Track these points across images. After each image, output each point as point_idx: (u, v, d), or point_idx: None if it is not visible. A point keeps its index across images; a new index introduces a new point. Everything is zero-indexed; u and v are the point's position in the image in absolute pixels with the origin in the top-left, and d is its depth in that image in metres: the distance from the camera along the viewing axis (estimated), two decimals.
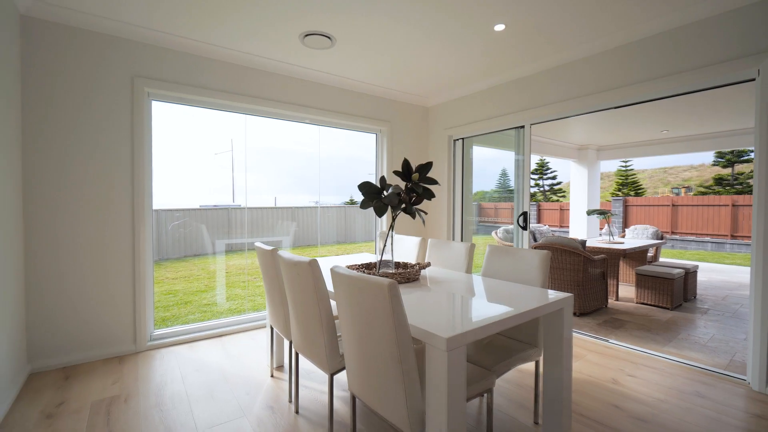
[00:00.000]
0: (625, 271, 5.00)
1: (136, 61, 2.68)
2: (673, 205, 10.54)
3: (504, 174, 4.12)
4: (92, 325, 2.58)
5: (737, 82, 2.26)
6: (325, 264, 2.44)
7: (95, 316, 2.58)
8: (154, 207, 2.88)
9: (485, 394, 1.50)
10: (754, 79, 2.19)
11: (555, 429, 1.63)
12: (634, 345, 2.83)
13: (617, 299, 4.20)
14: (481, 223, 4.22)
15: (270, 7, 2.34)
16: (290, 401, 2.06)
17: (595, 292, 3.74)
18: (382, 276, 1.82)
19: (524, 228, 3.46)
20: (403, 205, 1.89)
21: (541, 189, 22.29)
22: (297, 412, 1.96)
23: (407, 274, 1.92)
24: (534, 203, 15.48)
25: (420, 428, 1.23)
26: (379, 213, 1.81)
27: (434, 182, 1.90)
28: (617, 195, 19.48)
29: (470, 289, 1.77)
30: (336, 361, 1.63)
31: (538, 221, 14.85)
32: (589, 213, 5.02)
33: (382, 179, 1.86)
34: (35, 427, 1.81)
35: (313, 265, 1.59)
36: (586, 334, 3.08)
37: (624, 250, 4.21)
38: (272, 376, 2.36)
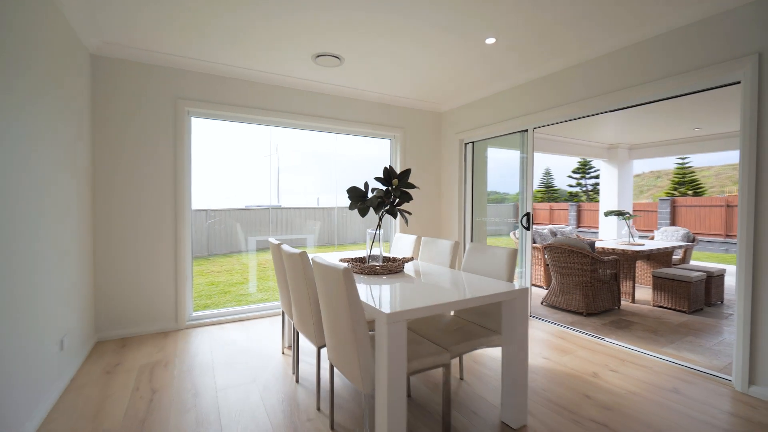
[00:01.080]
0: (647, 273, 4.86)
1: (178, 85, 3.21)
2: (728, 206, 9.71)
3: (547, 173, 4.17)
4: (144, 305, 3.13)
5: (724, 84, 2.29)
6: (328, 258, 2.78)
7: (147, 299, 3.13)
8: (205, 207, 3.40)
9: (442, 368, 1.75)
10: (739, 82, 2.20)
11: (510, 405, 1.83)
12: (630, 344, 2.88)
13: (633, 301, 4.15)
14: (507, 223, 4.34)
15: (283, 32, 2.73)
16: (293, 373, 2.43)
17: (605, 293, 3.75)
18: (368, 267, 2.12)
19: (527, 228, 3.58)
20: (387, 207, 2.18)
21: (584, 189, 21.24)
22: (297, 381, 2.31)
23: (390, 267, 2.20)
24: (574, 204, 14.86)
25: (371, 386, 1.51)
26: (362, 214, 2.11)
27: (413, 186, 2.16)
28: (673, 194, 18.09)
29: (441, 280, 2.02)
30: (321, 336, 1.95)
31: (578, 223, 14.26)
32: (607, 214, 4.93)
33: (365, 184, 2.16)
34: (98, 380, 2.32)
35: (303, 256, 1.93)
36: (583, 332, 3.16)
37: (639, 251, 4.14)
38: (283, 353, 2.75)
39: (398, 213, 2.20)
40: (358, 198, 2.15)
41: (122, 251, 3.05)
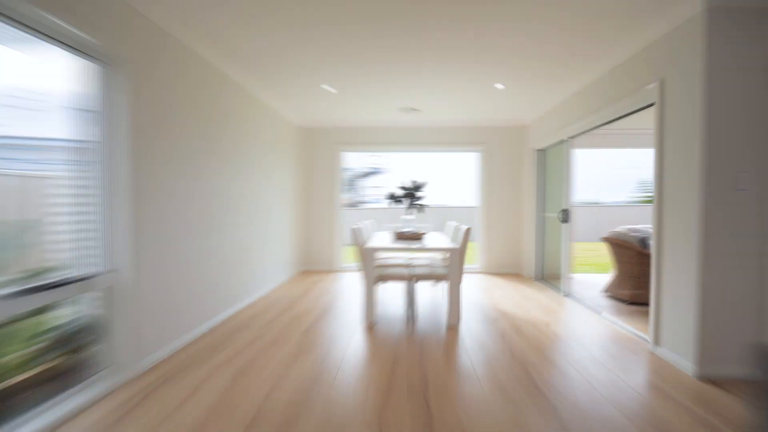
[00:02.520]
0: None
1: (336, 136, 5.77)
2: None
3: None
4: (318, 257, 5.86)
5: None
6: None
7: (318, 254, 5.85)
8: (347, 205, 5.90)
9: (407, 281, 3.40)
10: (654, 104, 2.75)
11: (450, 313, 3.27)
12: (626, 324, 3.44)
13: None
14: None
15: (380, 95, 4.79)
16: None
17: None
18: (400, 234, 3.94)
19: (564, 221, 4.32)
20: (410, 202, 3.91)
21: None
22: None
23: (414, 235, 3.89)
24: None
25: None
26: (397, 205, 3.91)
27: (423, 187, 3.80)
28: None
29: (425, 244, 3.60)
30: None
31: None
32: None
33: (404, 189, 3.95)
34: (298, 282, 5.03)
35: (354, 231, 3.92)
36: (588, 308, 3.79)
37: None
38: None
39: (418, 207, 3.88)
40: (393, 198, 3.97)
41: (309, 231, 5.85)
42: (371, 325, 3.29)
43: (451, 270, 3.31)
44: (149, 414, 1.88)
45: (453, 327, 3.24)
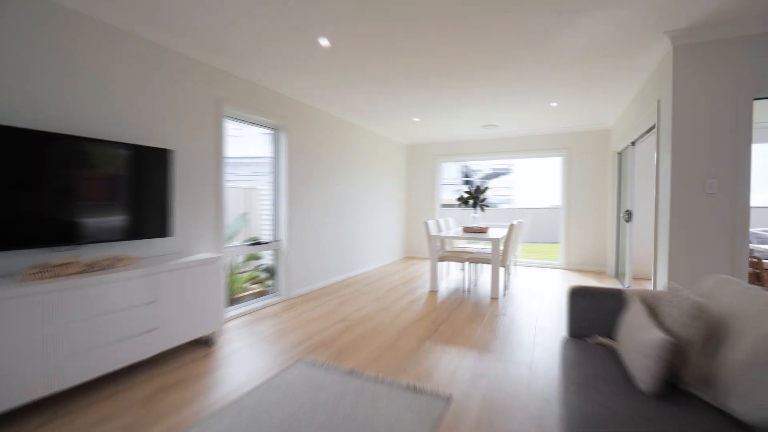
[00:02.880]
0: None
1: (435, 149, 7.10)
2: None
3: None
4: (412, 247, 7.30)
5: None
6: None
7: (420, 242, 7.28)
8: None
9: (463, 263, 4.52)
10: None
11: (494, 288, 4.26)
12: None
13: None
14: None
15: (466, 120, 5.94)
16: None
17: None
18: (468, 228, 5.10)
19: (628, 221, 4.62)
20: (474, 203, 4.98)
21: None
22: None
23: (479, 229, 4.95)
24: None
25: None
26: (465, 206, 5.04)
27: (485, 189, 4.83)
28: None
29: (487, 236, 4.62)
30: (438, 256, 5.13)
31: None
32: None
33: (468, 193, 5.06)
34: (399, 263, 6.61)
35: (426, 225, 5.19)
36: None
37: None
38: (462, 269, 5.97)
39: (481, 207, 4.92)
40: (462, 200, 5.09)
41: (411, 226, 7.35)
42: (433, 290, 4.56)
43: (493, 255, 4.28)
44: (292, 312, 3.69)
45: (495, 298, 4.23)
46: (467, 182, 16.56)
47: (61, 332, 1.92)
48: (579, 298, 1.99)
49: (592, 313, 1.95)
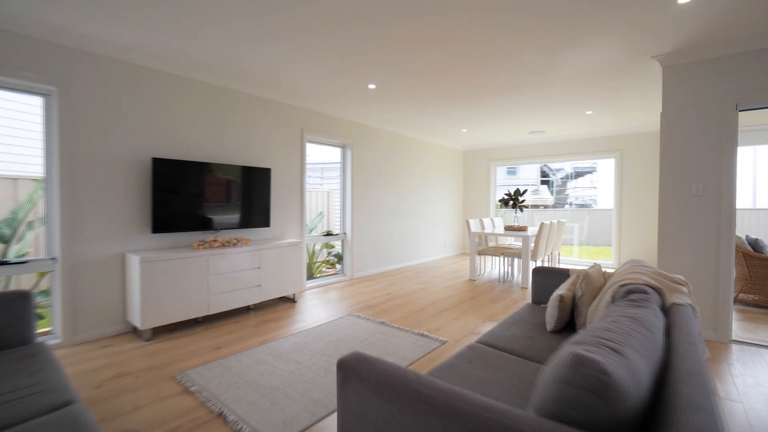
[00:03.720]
0: None
1: (490, 153, 7.69)
2: None
3: None
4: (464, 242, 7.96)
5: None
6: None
7: (468, 239, 7.94)
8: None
9: (501, 256, 5.17)
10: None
11: (523, 277, 4.85)
12: None
13: None
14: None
15: (515, 123, 6.50)
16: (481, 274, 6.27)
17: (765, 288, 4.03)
18: (509, 226, 5.74)
19: None
20: (513, 204, 5.57)
21: None
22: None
23: (519, 227, 5.53)
24: None
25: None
26: (505, 207, 5.66)
27: (523, 193, 5.41)
28: None
29: (526, 234, 5.21)
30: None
31: None
32: None
33: (508, 195, 5.67)
34: (452, 258, 7.39)
35: (467, 223, 5.88)
36: None
37: None
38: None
39: (520, 208, 5.49)
40: (504, 201, 5.69)
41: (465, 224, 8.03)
42: (471, 279, 5.30)
43: (524, 250, 4.87)
44: (352, 288, 4.81)
45: (524, 287, 4.82)
46: (545, 182, 16.29)
47: (209, 280, 3.29)
48: (537, 275, 2.70)
49: (546, 286, 2.65)
